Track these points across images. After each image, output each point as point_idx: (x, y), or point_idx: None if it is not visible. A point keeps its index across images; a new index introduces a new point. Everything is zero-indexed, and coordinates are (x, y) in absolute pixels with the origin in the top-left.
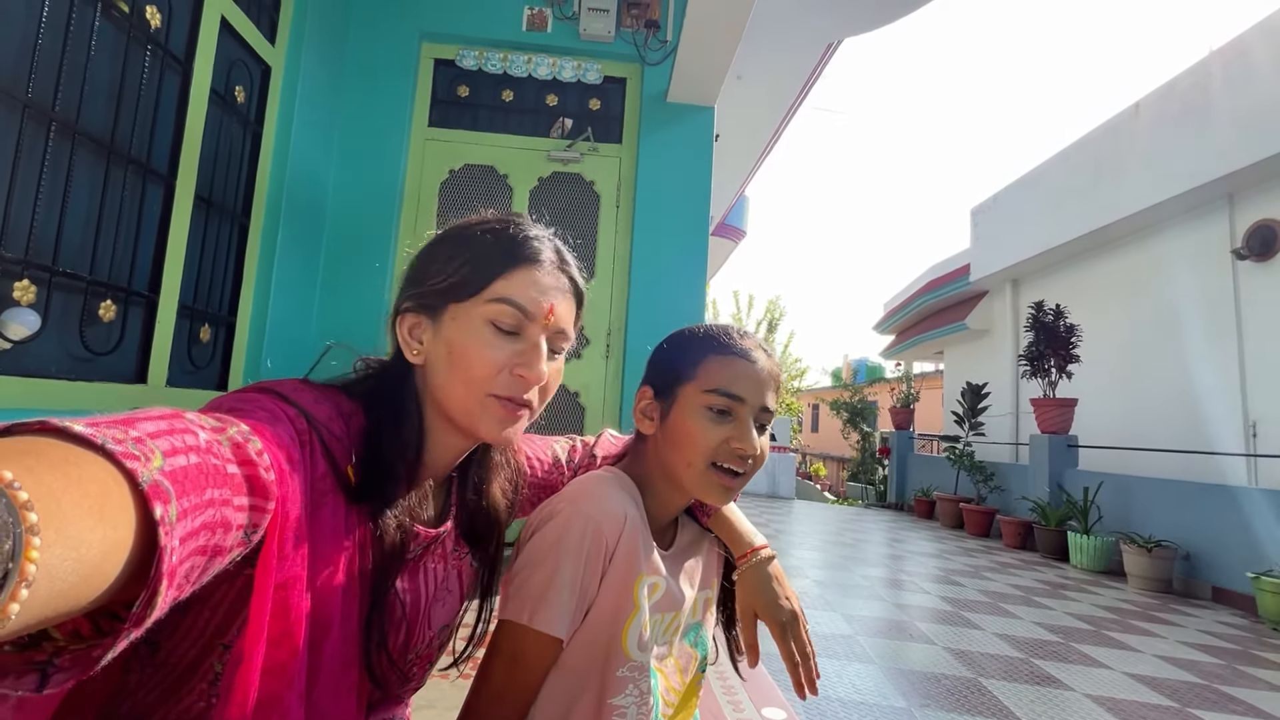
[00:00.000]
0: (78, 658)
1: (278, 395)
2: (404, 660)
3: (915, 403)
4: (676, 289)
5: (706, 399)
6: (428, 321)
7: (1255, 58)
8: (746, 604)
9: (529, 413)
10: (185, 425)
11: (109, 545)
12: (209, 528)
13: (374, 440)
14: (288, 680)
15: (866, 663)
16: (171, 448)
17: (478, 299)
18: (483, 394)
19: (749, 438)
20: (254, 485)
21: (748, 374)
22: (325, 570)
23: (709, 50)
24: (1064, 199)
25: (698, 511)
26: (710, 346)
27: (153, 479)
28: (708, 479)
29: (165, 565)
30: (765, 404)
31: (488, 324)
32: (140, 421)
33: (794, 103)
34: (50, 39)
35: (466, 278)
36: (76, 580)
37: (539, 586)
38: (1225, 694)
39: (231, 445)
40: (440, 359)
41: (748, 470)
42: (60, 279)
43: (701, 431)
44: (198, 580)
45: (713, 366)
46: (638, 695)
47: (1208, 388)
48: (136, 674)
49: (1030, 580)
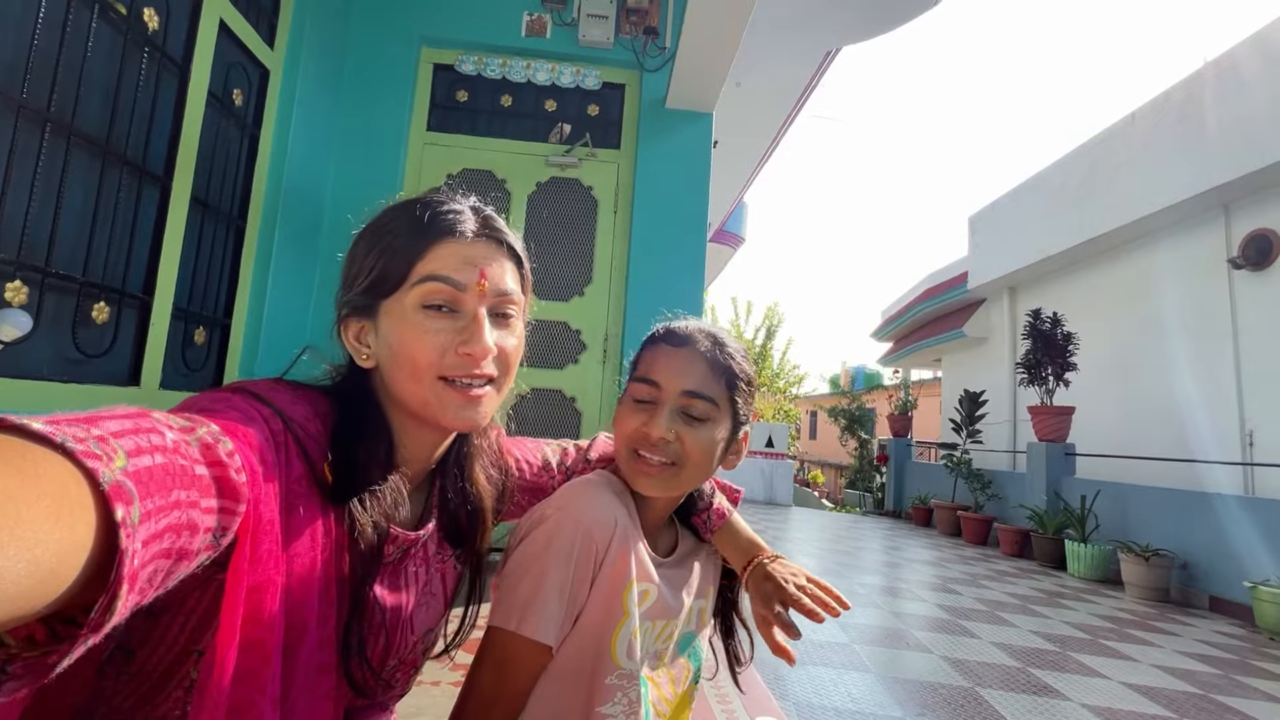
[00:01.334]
0: (31, 665)
1: (252, 395)
2: (385, 666)
3: (913, 410)
4: (674, 295)
5: (632, 388)
6: (368, 324)
7: (1249, 69)
8: (760, 607)
9: (493, 388)
10: (151, 425)
11: (66, 547)
12: (174, 530)
13: (345, 439)
14: (260, 685)
15: (863, 671)
16: (136, 447)
17: (404, 287)
18: (433, 380)
19: (655, 423)
20: (224, 487)
21: (665, 362)
22: (301, 573)
23: (707, 57)
24: (1061, 207)
25: (700, 528)
26: (649, 341)
27: (114, 479)
28: (631, 467)
29: (126, 569)
30: (686, 388)
31: (419, 309)
32: (104, 420)
33: (793, 110)
34: (47, 40)
35: (386, 269)
36: (31, 583)
37: (527, 593)
38: (1222, 704)
39: (201, 446)
40: (386, 358)
41: (666, 457)
42: (53, 280)
43: (620, 420)
44: (161, 584)
45: (643, 358)
46: (626, 704)
47: (1204, 396)
48: (111, 681)
49: (1027, 589)
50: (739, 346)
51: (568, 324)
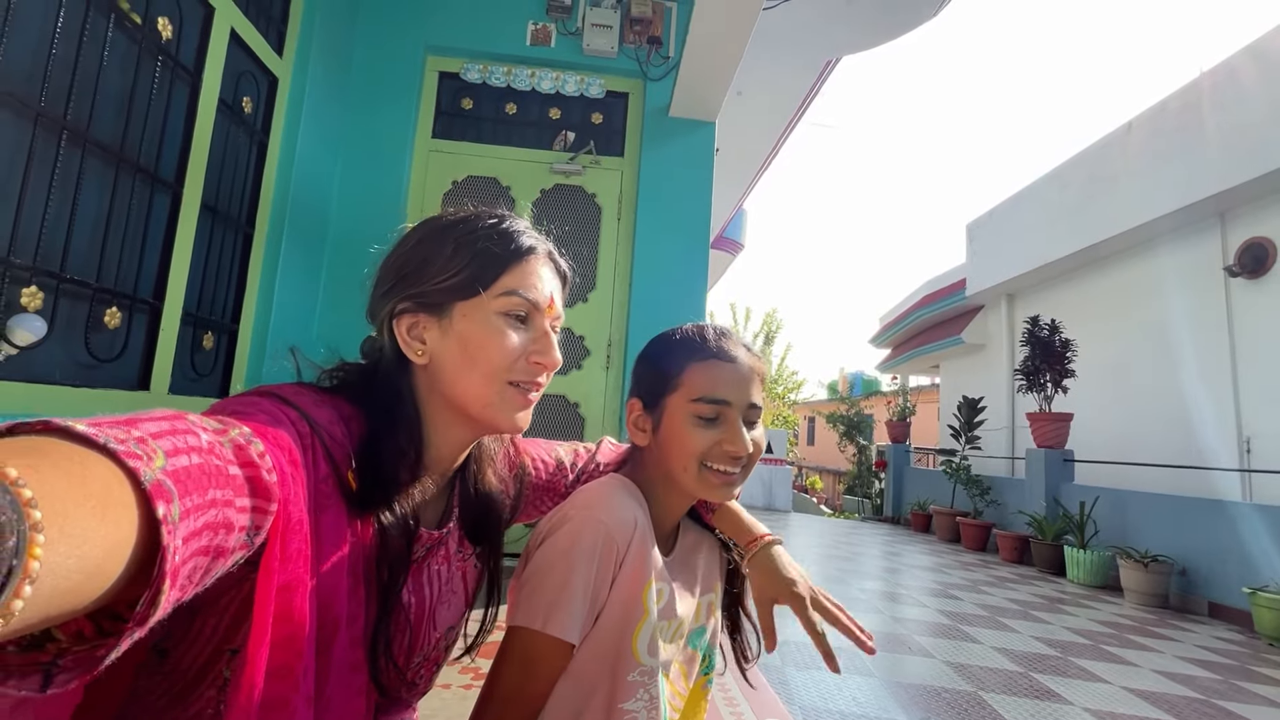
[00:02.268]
0: (80, 658)
1: (279, 398)
2: (410, 664)
3: (911, 416)
4: (677, 301)
5: (693, 408)
6: (431, 320)
7: (1246, 78)
8: (762, 588)
9: (537, 397)
10: (187, 426)
11: (112, 543)
12: (211, 528)
13: (374, 444)
14: (293, 682)
15: (866, 676)
16: (174, 448)
17: (488, 294)
18: (503, 383)
19: (739, 439)
20: (256, 487)
21: (730, 376)
22: (330, 572)
23: (711, 67)
24: (1059, 215)
25: (700, 508)
26: (690, 353)
27: (155, 478)
28: (705, 480)
29: (169, 564)
30: (751, 401)
31: (501, 316)
32: (143, 422)
33: (792, 118)
34: (64, 48)
35: (476, 274)
36: (80, 578)
37: (552, 592)
38: (1223, 709)
39: (233, 447)
40: (452, 355)
41: (745, 464)
42: (67, 286)
43: (692, 439)
44: (200, 581)
45: (695, 374)
46: (648, 700)
47: (1202, 403)
48: (145, 680)
49: (1027, 594)
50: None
51: (571, 330)
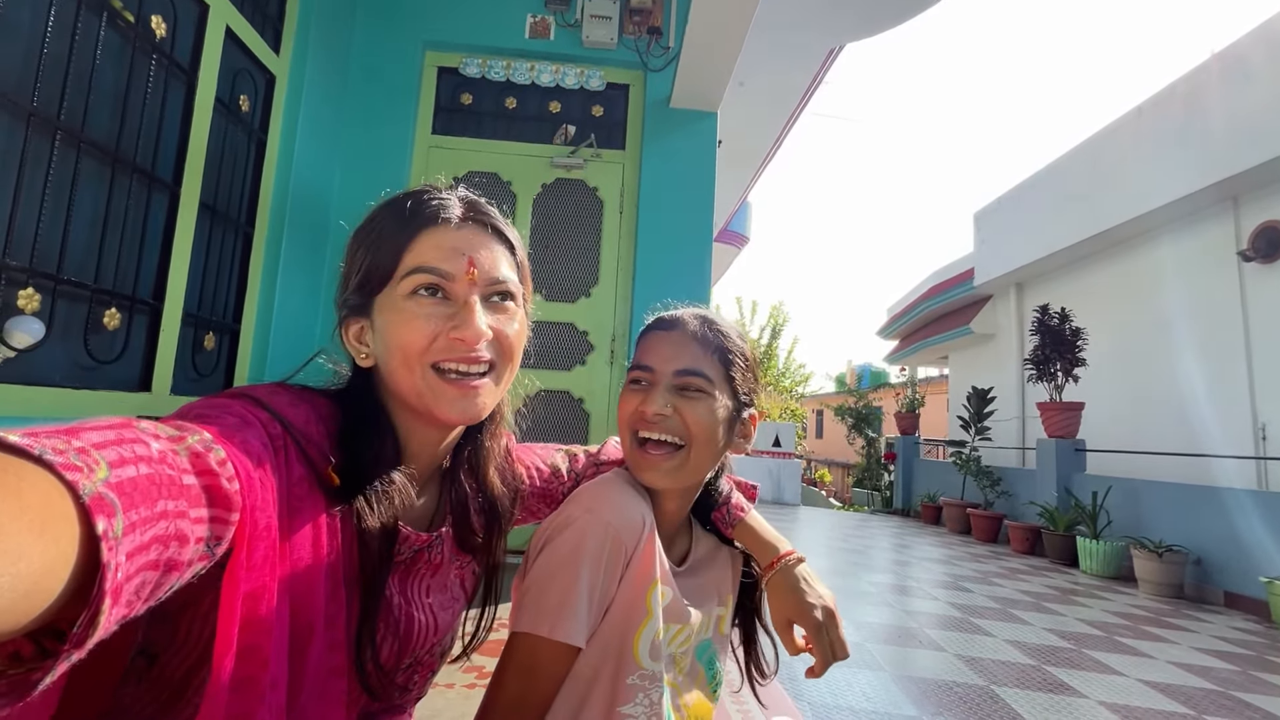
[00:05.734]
0: (15, 682)
1: (251, 400)
2: (399, 668)
3: (920, 408)
4: (681, 294)
5: (629, 376)
6: (366, 322)
7: (1257, 61)
8: (779, 610)
9: (491, 379)
10: (136, 435)
11: (49, 560)
12: (161, 541)
13: (348, 444)
14: (258, 694)
15: (876, 670)
16: (119, 458)
17: (393, 281)
18: (425, 369)
19: (651, 399)
20: (214, 496)
21: (657, 345)
22: (305, 575)
23: (712, 56)
24: (1068, 202)
25: (720, 524)
26: (643, 331)
27: (95, 491)
28: (637, 459)
29: (109, 583)
30: (679, 368)
31: (409, 298)
32: (85, 431)
33: (796, 108)
34: (56, 48)
35: (375, 264)
36: (15, 597)
37: (558, 597)
38: (1241, 700)
39: (190, 455)
40: (382, 352)
41: (668, 434)
42: (65, 287)
43: (620, 409)
44: (152, 596)
45: (638, 347)
46: (648, 705)
47: (1215, 390)
48: (132, 689)
49: (1040, 586)
50: (733, 326)
51: (574, 325)
